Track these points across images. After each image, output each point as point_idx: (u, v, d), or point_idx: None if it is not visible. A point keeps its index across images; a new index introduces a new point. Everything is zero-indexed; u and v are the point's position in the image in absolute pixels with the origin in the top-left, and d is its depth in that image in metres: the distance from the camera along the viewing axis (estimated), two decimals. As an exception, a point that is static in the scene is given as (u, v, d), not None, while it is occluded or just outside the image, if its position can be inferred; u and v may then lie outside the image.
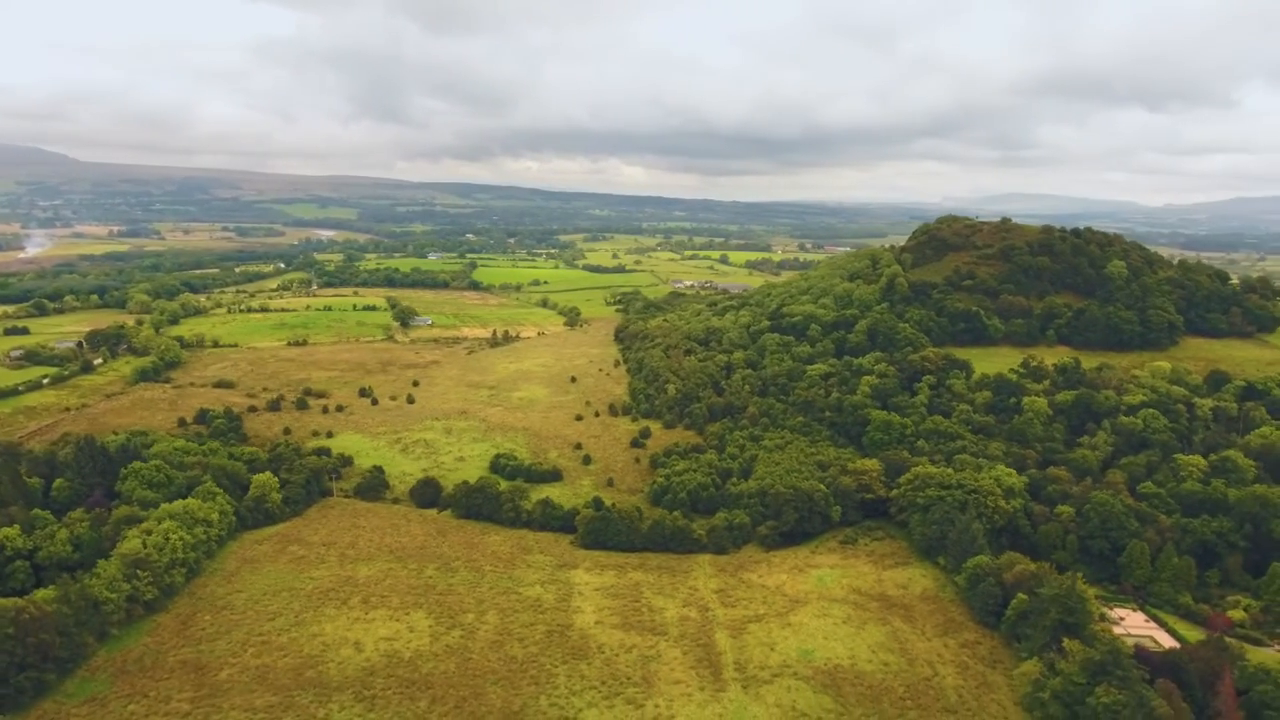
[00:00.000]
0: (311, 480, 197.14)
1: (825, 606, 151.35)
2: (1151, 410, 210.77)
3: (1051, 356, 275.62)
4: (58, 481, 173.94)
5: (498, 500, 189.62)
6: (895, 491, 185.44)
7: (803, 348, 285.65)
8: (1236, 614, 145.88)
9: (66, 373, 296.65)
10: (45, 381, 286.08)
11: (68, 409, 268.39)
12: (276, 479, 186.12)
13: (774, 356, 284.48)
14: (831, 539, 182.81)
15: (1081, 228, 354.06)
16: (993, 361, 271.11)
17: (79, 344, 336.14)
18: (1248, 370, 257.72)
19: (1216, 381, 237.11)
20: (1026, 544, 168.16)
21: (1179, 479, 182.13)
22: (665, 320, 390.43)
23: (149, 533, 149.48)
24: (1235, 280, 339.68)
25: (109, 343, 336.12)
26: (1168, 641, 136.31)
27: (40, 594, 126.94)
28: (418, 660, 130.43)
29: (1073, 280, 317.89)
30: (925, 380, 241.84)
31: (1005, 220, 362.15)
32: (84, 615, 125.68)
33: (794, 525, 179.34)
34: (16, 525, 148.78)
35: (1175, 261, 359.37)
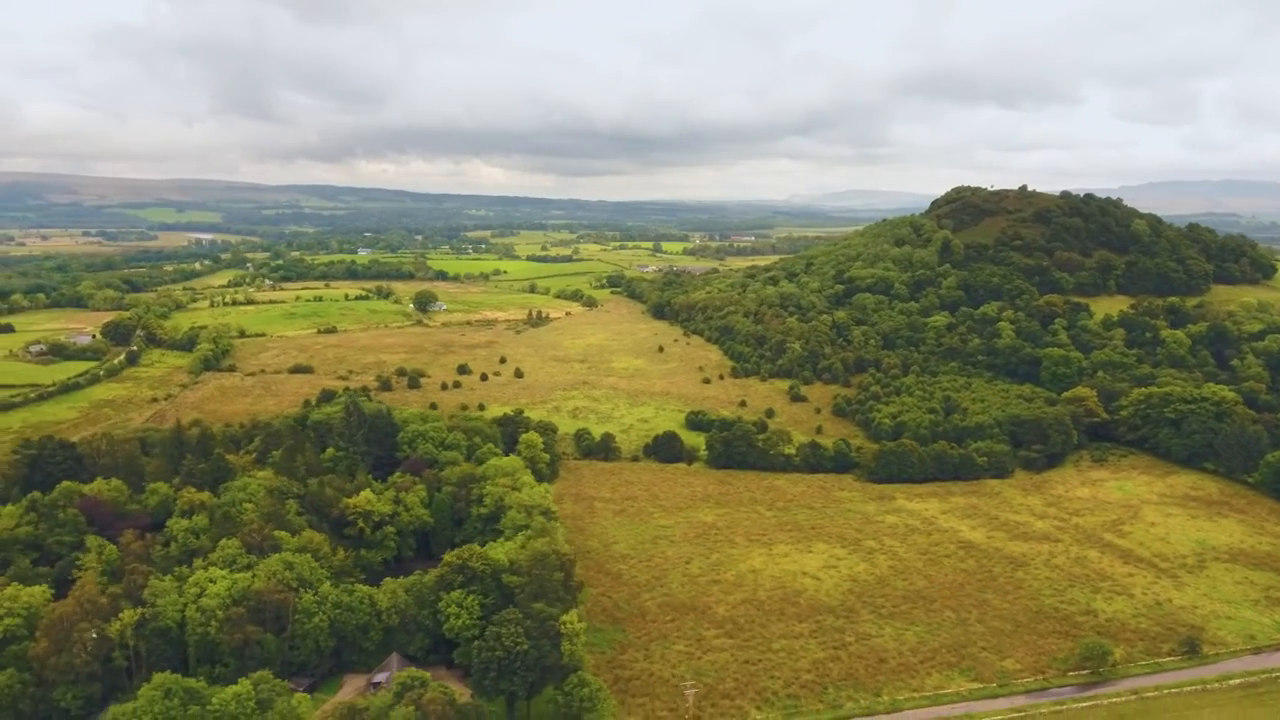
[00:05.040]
0: (555, 442, 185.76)
1: (1160, 509, 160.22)
2: (1278, 335, 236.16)
3: (1111, 303, 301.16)
4: (329, 450, 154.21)
5: (762, 448, 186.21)
6: (1123, 413, 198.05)
7: (908, 304, 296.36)
8: None
9: (117, 364, 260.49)
10: (102, 374, 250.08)
11: (155, 399, 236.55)
12: (541, 439, 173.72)
13: (881, 314, 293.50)
14: (1081, 460, 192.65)
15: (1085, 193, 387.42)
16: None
17: (93, 337, 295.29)
18: (1271, 308, 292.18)
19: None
20: (1265, 444, 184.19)
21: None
22: (706, 295, 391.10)
23: (513, 488, 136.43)
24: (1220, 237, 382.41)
25: (129, 334, 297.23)
26: None
27: (499, 546, 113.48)
28: (888, 579, 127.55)
29: (1104, 238, 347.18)
30: (1058, 323, 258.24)
31: (1023, 187, 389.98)
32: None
33: (1060, 448, 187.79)
34: (367, 490, 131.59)
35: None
